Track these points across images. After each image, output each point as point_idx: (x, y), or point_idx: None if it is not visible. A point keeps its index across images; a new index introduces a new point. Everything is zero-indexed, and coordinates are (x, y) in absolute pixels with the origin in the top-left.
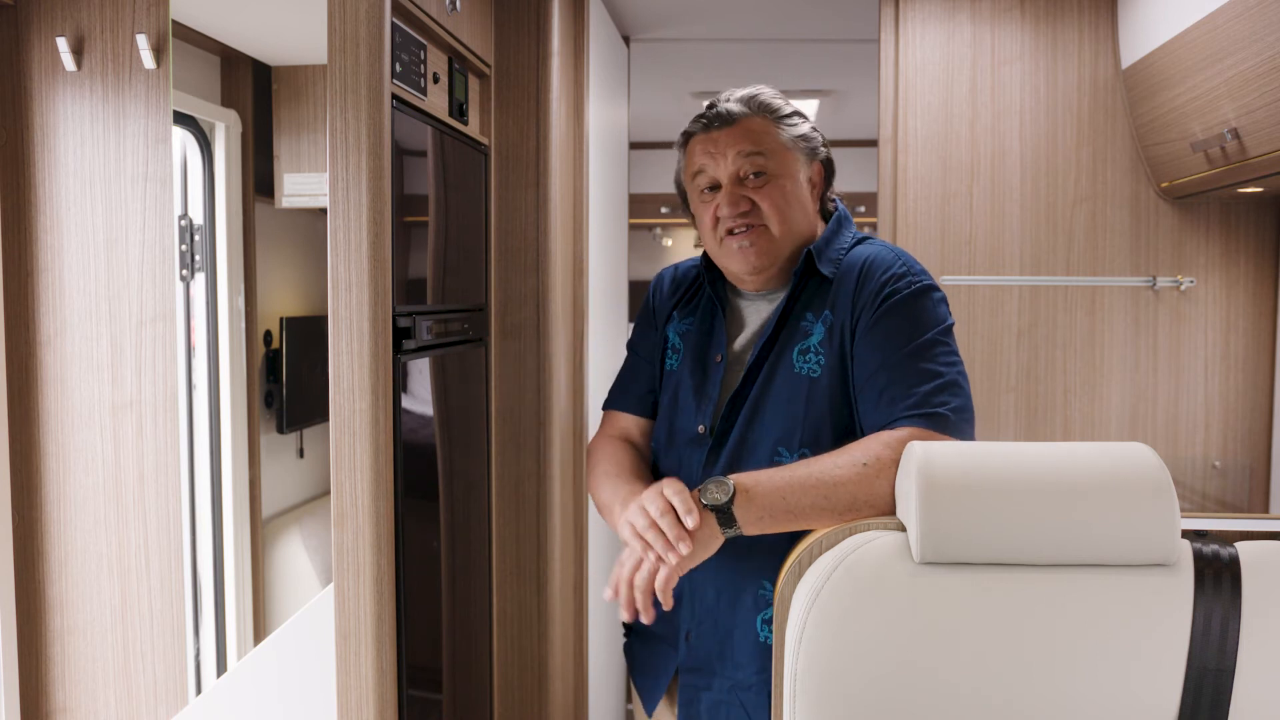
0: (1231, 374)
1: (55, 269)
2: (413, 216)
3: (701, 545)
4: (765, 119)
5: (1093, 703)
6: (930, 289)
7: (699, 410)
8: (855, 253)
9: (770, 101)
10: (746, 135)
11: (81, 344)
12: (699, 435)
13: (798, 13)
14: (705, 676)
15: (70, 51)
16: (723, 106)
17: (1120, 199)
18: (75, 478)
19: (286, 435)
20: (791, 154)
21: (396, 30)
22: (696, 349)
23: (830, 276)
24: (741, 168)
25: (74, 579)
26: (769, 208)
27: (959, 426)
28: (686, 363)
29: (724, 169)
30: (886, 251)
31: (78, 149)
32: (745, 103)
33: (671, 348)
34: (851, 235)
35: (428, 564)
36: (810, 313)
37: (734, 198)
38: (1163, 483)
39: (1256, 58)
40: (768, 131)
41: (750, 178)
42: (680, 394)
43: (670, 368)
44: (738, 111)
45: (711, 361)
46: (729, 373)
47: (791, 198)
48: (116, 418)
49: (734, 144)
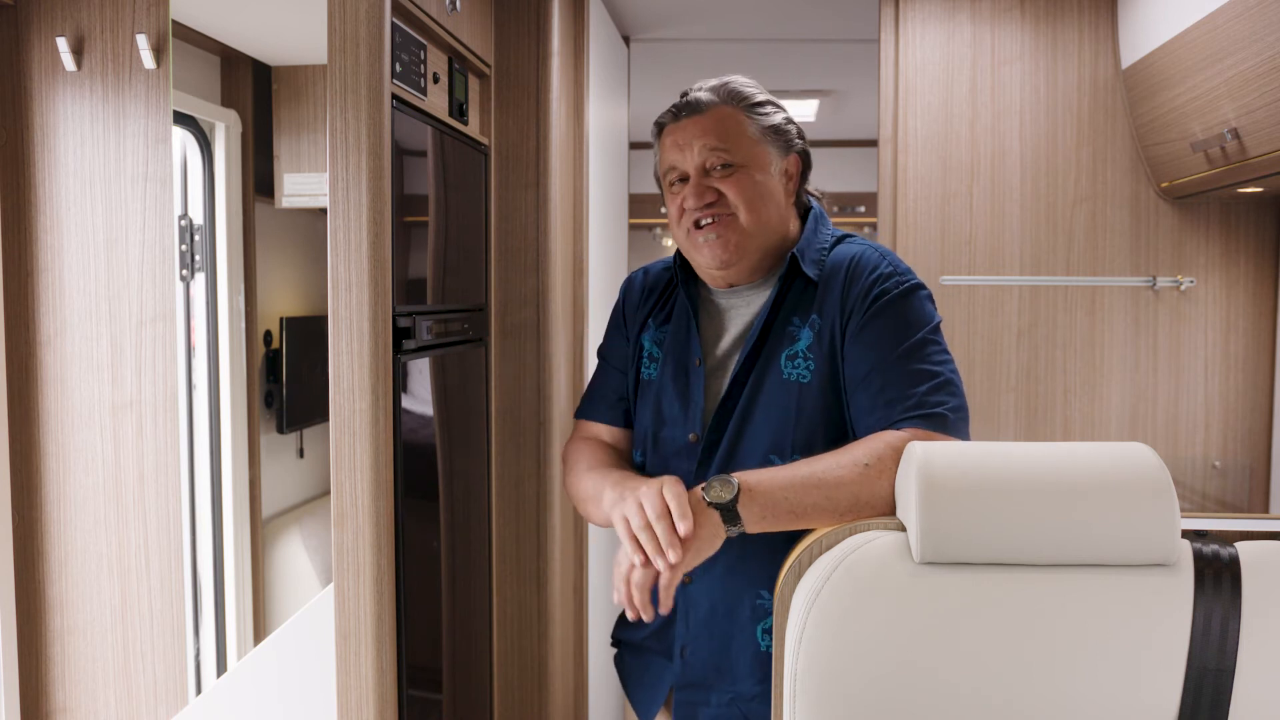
0: (1231, 374)
1: (55, 269)
2: (413, 216)
3: (704, 543)
4: (735, 108)
5: (1093, 703)
6: (918, 287)
7: (686, 418)
8: (838, 253)
9: (741, 90)
10: (715, 125)
11: (81, 344)
12: (689, 444)
13: (797, 13)
14: (703, 692)
15: (70, 51)
16: (693, 95)
17: (1120, 199)
18: (75, 478)
19: (286, 435)
20: (761, 145)
21: (396, 30)
22: (675, 356)
23: (815, 279)
24: (708, 159)
25: (74, 579)
26: (736, 197)
27: (957, 426)
28: (668, 370)
29: (690, 160)
30: (870, 251)
31: (78, 149)
32: (715, 91)
33: (648, 356)
34: (830, 233)
35: (428, 564)
36: (796, 317)
37: (700, 189)
38: (1163, 483)
39: (1256, 58)
40: (737, 121)
41: (717, 169)
42: (664, 403)
43: (648, 377)
44: (706, 100)
45: (692, 367)
46: (712, 378)
47: (762, 189)
48: (116, 418)
49: (701, 134)
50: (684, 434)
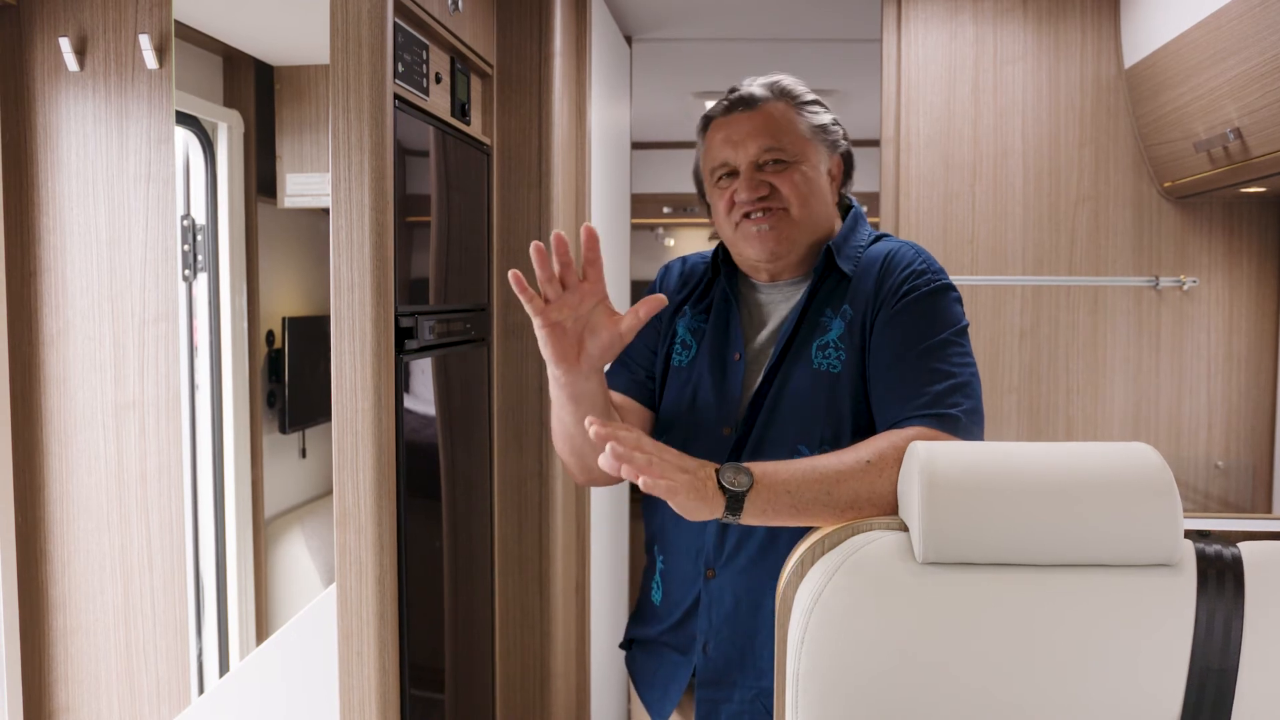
0: (1234, 374)
1: (58, 269)
2: (415, 216)
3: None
4: (788, 104)
5: (1095, 703)
6: (948, 288)
7: (721, 411)
8: (875, 249)
9: (793, 88)
10: (768, 121)
11: (84, 344)
12: (724, 436)
13: (800, 12)
14: (725, 689)
15: (73, 52)
16: (745, 90)
17: (1123, 199)
18: (78, 478)
19: (289, 435)
20: (812, 143)
21: (399, 30)
22: (714, 347)
23: (849, 273)
24: (761, 154)
25: (77, 579)
26: (789, 191)
27: (969, 428)
28: (704, 361)
29: (743, 154)
30: (907, 248)
31: (80, 149)
32: (768, 87)
33: (681, 343)
34: (868, 233)
35: (430, 564)
36: (829, 309)
37: (753, 182)
38: (1165, 483)
39: (1259, 57)
40: (789, 118)
41: (770, 164)
42: (699, 394)
43: (679, 364)
44: (760, 95)
45: (730, 360)
46: (749, 371)
47: (813, 185)
48: (119, 418)
49: (755, 129)
50: (718, 426)
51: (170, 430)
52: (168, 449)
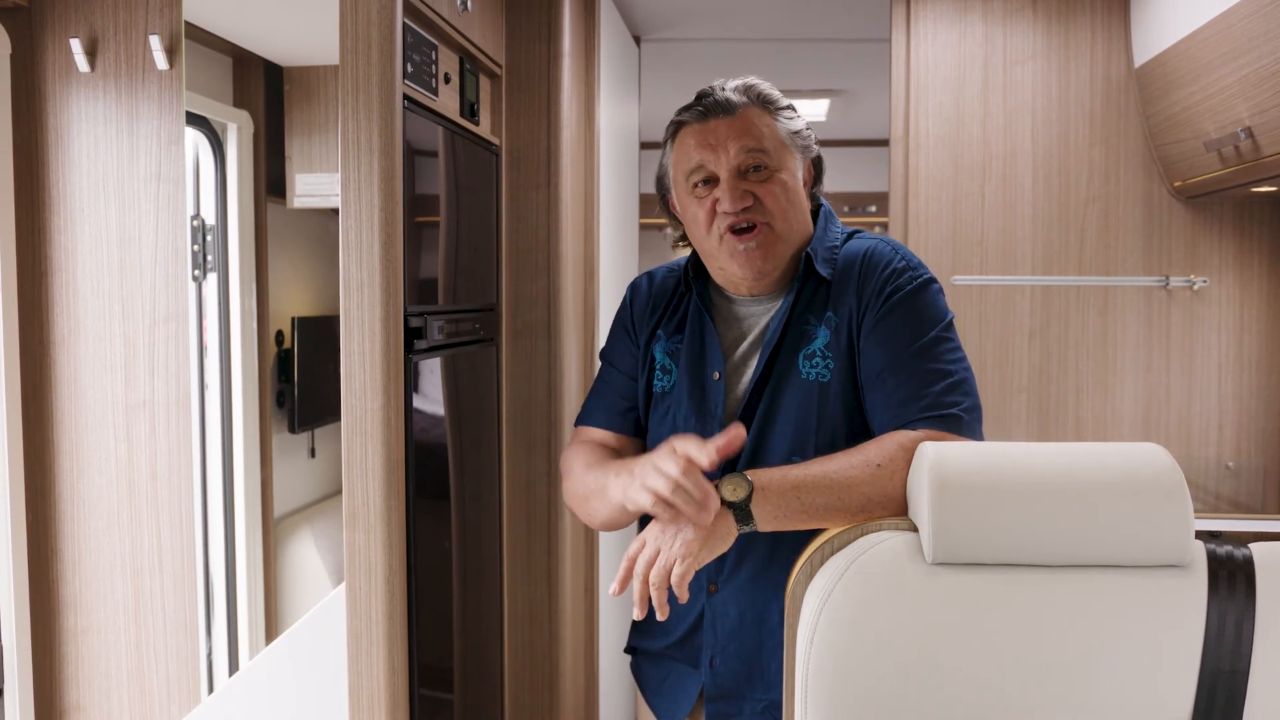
0: (1245, 374)
1: (69, 269)
2: (424, 217)
3: (717, 540)
4: (763, 110)
5: (1106, 704)
6: (930, 282)
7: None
8: (850, 248)
9: (768, 93)
10: (748, 126)
11: (95, 344)
12: None
13: (809, 12)
14: (734, 702)
15: (84, 53)
16: (720, 95)
17: (1133, 198)
18: (89, 477)
19: (298, 435)
20: (789, 149)
21: (408, 31)
22: (691, 369)
23: (828, 277)
24: (744, 160)
25: (87, 578)
26: (772, 204)
27: (971, 426)
28: (683, 384)
29: (724, 162)
30: (883, 245)
31: (91, 150)
32: (744, 92)
33: (660, 369)
34: (839, 231)
35: (439, 564)
36: (811, 316)
37: (736, 191)
38: (1176, 483)
39: (1270, 56)
40: (767, 123)
41: (751, 171)
42: (678, 418)
43: (661, 389)
44: (737, 101)
45: (709, 380)
46: (731, 387)
47: (792, 193)
48: (129, 417)
49: (735, 135)
50: None
51: (180, 430)
52: (178, 449)
